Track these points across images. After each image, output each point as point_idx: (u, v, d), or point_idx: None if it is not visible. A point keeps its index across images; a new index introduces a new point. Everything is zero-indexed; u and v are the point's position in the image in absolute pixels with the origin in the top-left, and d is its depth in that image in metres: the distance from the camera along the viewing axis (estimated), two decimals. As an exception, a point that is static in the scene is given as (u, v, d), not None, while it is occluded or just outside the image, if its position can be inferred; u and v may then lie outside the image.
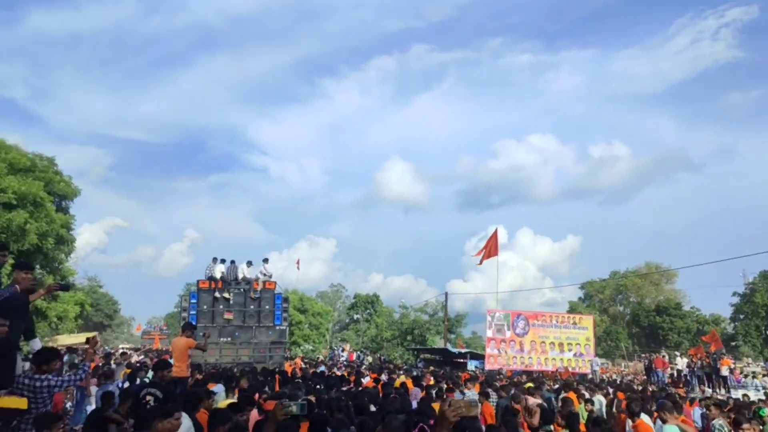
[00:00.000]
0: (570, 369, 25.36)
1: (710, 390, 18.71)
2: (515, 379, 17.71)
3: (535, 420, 6.00)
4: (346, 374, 15.86)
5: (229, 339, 18.67)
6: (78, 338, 22.13)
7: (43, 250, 22.37)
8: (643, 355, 37.73)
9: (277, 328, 19.32)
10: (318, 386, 10.51)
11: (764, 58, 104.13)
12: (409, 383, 12.33)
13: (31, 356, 6.38)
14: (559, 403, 9.15)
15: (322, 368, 19.56)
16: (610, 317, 55.71)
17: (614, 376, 28.50)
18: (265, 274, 19.86)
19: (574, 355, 26.56)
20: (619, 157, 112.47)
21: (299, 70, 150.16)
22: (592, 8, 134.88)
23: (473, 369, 25.17)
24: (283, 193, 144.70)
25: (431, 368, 23.74)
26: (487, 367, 25.03)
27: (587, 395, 11.34)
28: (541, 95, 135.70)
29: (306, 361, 27.16)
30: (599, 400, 11.21)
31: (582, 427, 7.40)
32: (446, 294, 38.39)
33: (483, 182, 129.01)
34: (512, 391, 10.13)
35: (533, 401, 8.69)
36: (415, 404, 8.51)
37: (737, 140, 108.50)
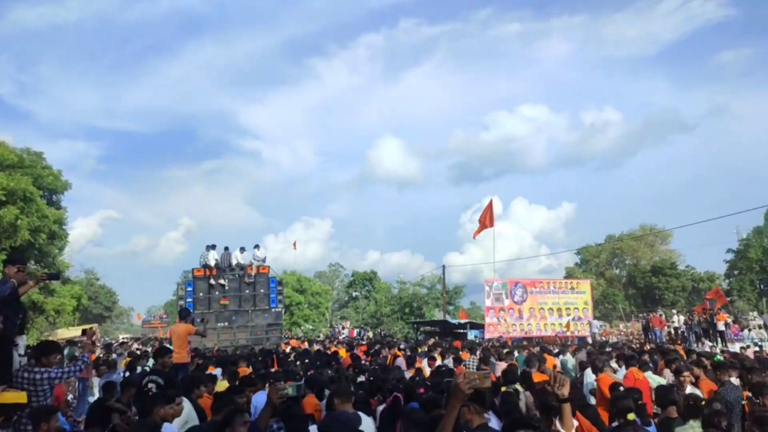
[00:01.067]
0: (569, 333, 25.66)
1: (709, 345, 19.00)
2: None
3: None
4: (340, 351, 16.17)
5: (226, 323, 19.13)
6: (77, 331, 22.12)
7: (36, 245, 22.26)
8: (640, 315, 38.25)
9: (273, 310, 19.91)
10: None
11: (756, 14, 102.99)
12: (398, 353, 13.32)
13: (30, 350, 6.37)
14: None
15: (317, 347, 20.03)
16: (607, 280, 56.26)
17: (613, 338, 28.87)
18: (258, 259, 20.12)
19: (573, 319, 26.84)
20: (611, 122, 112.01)
21: (286, 51, 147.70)
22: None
23: (473, 338, 25.43)
24: (277, 176, 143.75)
25: (432, 340, 23.93)
26: (487, 335, 25.26)
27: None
28: (532, 65, 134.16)
29: (302, 340, 27.46)
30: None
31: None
32: (443, 267, 38.56)
33: (476, 155, 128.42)
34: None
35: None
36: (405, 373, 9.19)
37: (730, 99, 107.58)
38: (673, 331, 24.77)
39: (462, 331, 29.43)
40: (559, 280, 31.81)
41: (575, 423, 3.67)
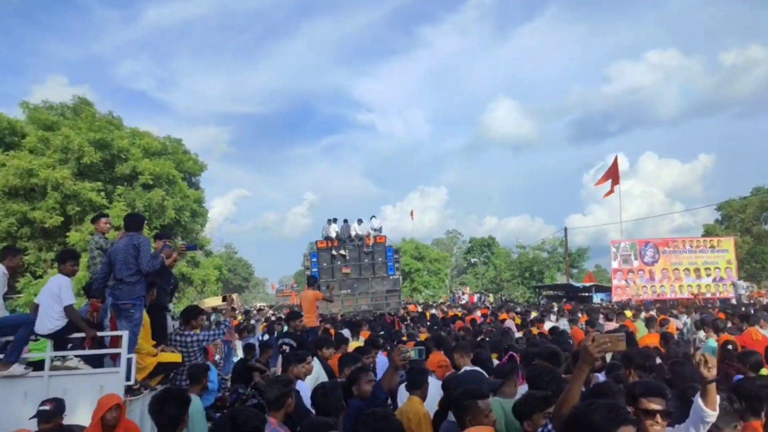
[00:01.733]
0: (710, 294, 23.58)
1: None
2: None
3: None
4: (459, 314, 16.62)
5: (348, 291, 20.41)
6: (220, 300, 24.26)
7: (181, 223, 24.76)
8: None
9: (391, 277, 20.84)
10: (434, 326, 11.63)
11: None
12: (504, 316, 14.03)
13: (179, 315, 7.17)
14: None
15: (433, 311, 20.65)
16: (754, 237, 50.41)
17: (765, 299, 26.03)
18: (375, 230, 21.09)
19: (713, 280, 24.57)
20: (756, 61, 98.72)
21: (395, 21, 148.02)
22: None
23: (599, 302, 24.30)
24: (391, 147, 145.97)
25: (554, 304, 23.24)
26: (614, 298, 23.99)
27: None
28: (658, 4, 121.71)
29: (421, 304, 28.09)
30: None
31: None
32: (565, 229, 37.02)
33: (597, 110, 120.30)
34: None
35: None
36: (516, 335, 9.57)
37: None
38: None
39: (587, 294, 28.25)
40: (697, 238, 29.10)
41: None
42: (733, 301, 21.67)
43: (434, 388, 4.58)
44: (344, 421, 3.88)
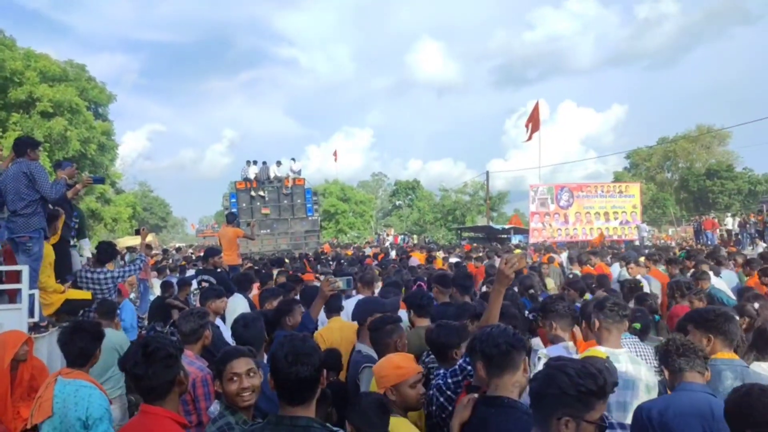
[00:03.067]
0: (617, 237, 25.29)
1: (764, 246, 18.38)
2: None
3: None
4: (372, 253, 17.86)
5: (268, 231, 20.90)
6: (135, 240, 23.27)
7: (88, 156, 23.03)
8: (691, 219, 37.16)
9: (310, 218, 21.82)
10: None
11: None
12: (414, 254, 14.46)
13: (93, 253, 6.70)
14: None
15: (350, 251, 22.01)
16: (657, 185, 54.41)
17: (662, 242, 28.34)
18: (294, 172, 21.61)
19: (620, 223, 26.34)
20: (667, 15, 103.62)
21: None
22: None
23: (516, 243, 25.46)
24: (315, 84, 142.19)
25: (474, 245, 24.13)
26: (531, 240, 25.18)
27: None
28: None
29: (334, 246, 29.29)
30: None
31: None
32: (487, 173, 38.10)
33: (519, 56, 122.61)
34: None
35: None
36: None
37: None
38: (725, 234, 24.08)
39: (505, 236, 29.47)
40: (607, 183, 30.87)
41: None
42: (637, 243, 23.39)
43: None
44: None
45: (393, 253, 17.30)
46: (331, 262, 13.95)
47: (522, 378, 2.25)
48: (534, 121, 28.17)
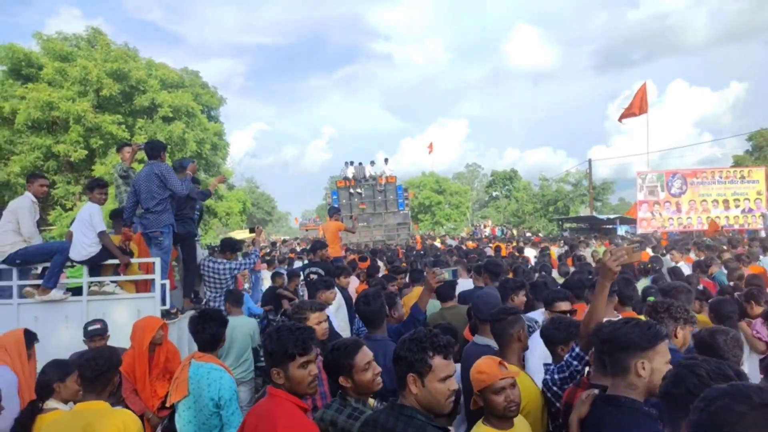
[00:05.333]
0: (738, 226, 23.15)
1: None
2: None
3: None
4: (470, 245, 18.61)
5: (364, 224, 23.14)
6: (245, 233, 24.83)
7: (203, 156, 24.86)
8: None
9: (401, 212, 23.98)
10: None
11: None
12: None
13: (219, 246, 7.32)
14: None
15: (450, 242, 23.41)
16: (787, 168, 49.00)
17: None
18: (387, 170, 24.06)
19: (742, 211, 24.04)
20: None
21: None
22: None
23: (623, 234, 24.10)
24: (410, 77, 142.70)
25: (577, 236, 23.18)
26: (639, 230, 23.67)
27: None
28: None
29: (425, 237, 30.00)
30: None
31: None
32: (589, 161, 36.13)
33: (622, 37, 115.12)
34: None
35: None
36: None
37: None
38: None
39: (611, 226, 28.00)
40: (726, 168, 28.23)
41: None
42: (763, 233, 21.27)
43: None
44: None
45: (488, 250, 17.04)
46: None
47: (636, 380, 2.13)
48: (640, 103, 26.36)
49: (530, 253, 13.93)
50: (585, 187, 40.92)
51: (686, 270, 7.99)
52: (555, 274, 8.29)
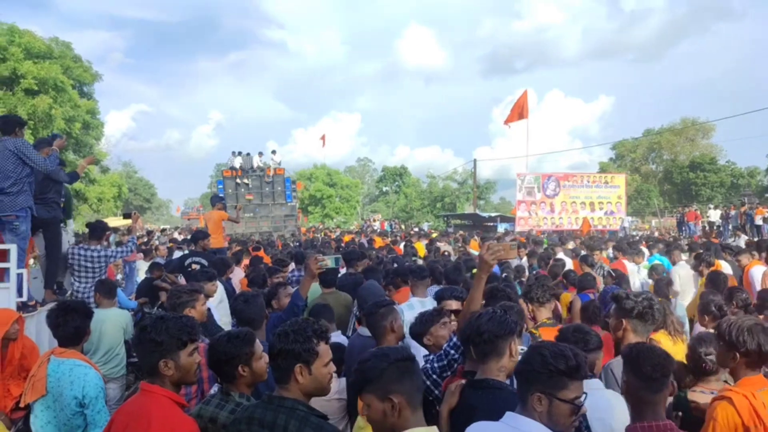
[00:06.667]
0: (601, 227, 25.58)
1: (746, 239, 18.68)
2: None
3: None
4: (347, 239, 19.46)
5: (251, 215, 23.25)
6: (120, 221, 23.14)
7: (73, 135, 22.65)
8: (674, 211, 37.62)
9: (289, 204, 24.27)
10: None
11: None
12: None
13: (87, 230, 6.67)
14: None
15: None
16: (642, 176, 54.95)
17: (644, 233, 28.68)
18: (274, 162, 24.28)
19: (605, 213, 26.63)
20: (653, 9, 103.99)
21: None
22: None
23: (502, 231, 25.66)
24: (303, 68, 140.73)
25: (460, 232, 24.31)
26: (518, 228, 25.41)
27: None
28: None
29: (309, 229, 31.26)
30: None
31: None
32: (474, 161, 38.14)
33: (507, 45, 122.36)
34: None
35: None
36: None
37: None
38: (707, 226, 24.44)
39: (492, 224, 29.68)
40: (593, 174, 31.12)
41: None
42: (621, 234, 23.69)
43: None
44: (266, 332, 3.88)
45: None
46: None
47: (508, 362, 2.31)
48: (521, 109, 28.19)
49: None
50: (470, 186, 43.04)
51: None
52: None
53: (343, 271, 6.54)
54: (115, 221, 21.47)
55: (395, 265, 7.52)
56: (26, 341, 4.18)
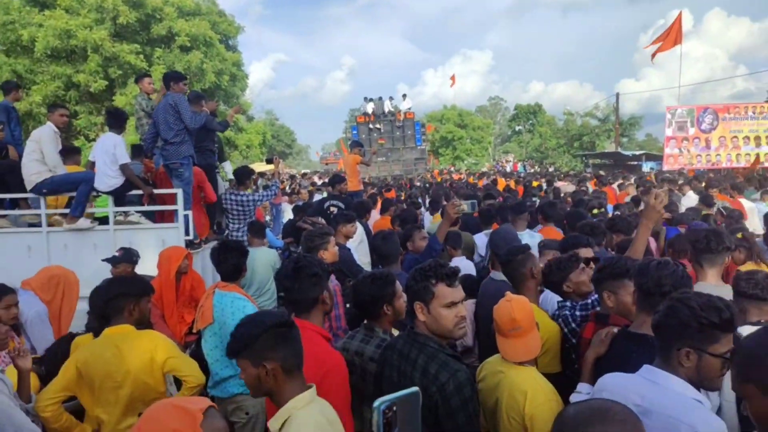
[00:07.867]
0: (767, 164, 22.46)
1: None
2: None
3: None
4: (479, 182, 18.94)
5: (383, 158, 24.38)
6: (266, 166, 24.87)
7: (222, 87, 24.50)
8: None
9: (419, 147, 25.12)
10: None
11: None
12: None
13: (233, 176, 7.34)
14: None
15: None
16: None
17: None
18: (405, 107, 24.88)
19: (774, 148, 23.22)
20: None
21: None
22: None
23: (648, 170, 23.60)
24: (433, 6, 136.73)
25: (600, 172, 22.80)
26: (666, 167, 23.10)
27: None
28: None
29: (442, 172, 30.79)
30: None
31: None
32: (617, 95, 34.90)
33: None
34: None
35: None
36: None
37: None
38: None
39: (636, 163, 27.43)
40: (761, 104, 27.04)
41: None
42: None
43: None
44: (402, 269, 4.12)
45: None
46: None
47: None
48: (674, 35, 24.94)
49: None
50: (612, 122, 39.79)
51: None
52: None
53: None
54: (261, 167, 23.10)
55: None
56: (194, 275, 4.77)
